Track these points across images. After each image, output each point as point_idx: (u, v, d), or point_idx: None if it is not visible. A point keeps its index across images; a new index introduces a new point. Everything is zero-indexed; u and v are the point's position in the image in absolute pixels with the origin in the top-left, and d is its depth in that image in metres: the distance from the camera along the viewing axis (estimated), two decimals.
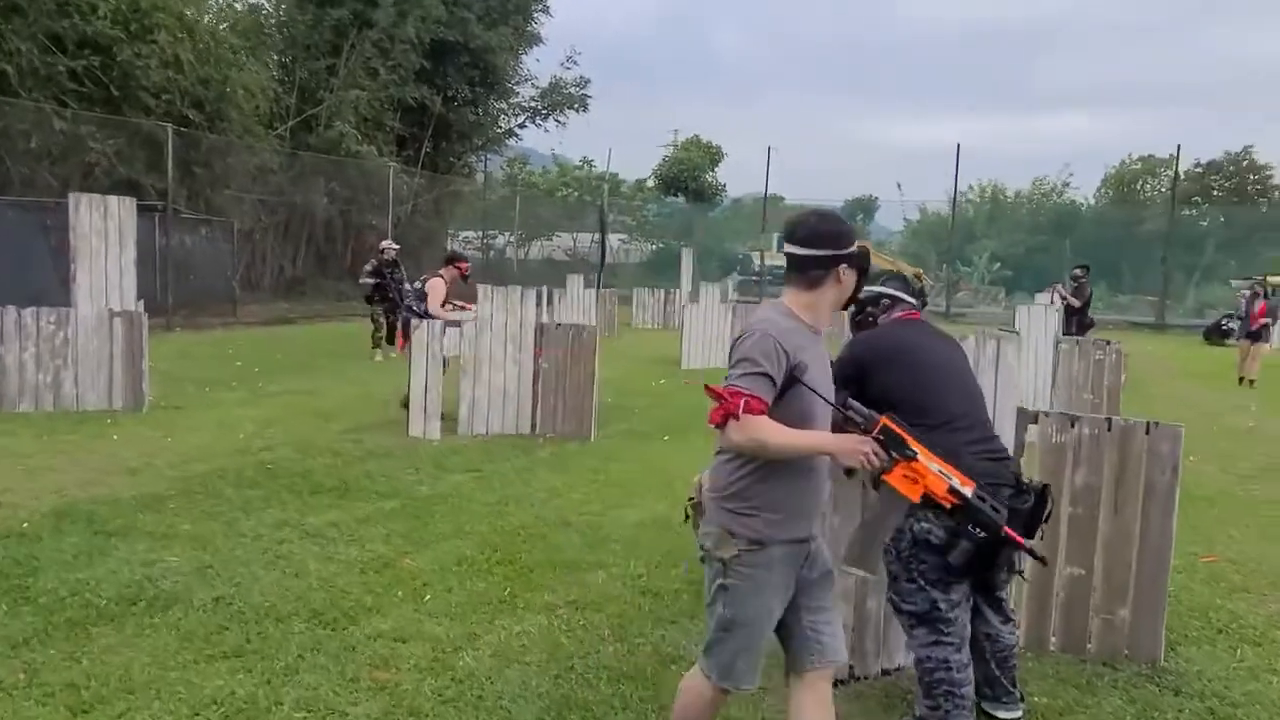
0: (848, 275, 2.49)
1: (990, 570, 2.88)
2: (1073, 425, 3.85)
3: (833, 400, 2.47)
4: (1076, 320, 13.04)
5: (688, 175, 36.05)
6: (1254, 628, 4.24)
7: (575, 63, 29.26)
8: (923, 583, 2.93)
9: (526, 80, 29.29)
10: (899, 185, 61.16)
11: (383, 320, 12.82)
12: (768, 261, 33.13)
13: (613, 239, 35.18)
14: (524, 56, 29.69)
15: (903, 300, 3.42)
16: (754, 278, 30.44)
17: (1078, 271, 13.85)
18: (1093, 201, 40.28)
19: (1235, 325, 18.48)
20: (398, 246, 13.26)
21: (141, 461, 6.47)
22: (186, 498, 5.60)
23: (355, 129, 23.19)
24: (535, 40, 29.81)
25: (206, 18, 20.19)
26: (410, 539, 5.01)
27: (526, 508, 5.70)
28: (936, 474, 2.48)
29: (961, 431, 2.98)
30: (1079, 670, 3.70)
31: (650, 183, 38.10)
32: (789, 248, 2.50)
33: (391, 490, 5.97)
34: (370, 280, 12.87)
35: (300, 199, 22.88)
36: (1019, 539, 2.63)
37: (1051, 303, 13.95)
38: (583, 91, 28.97)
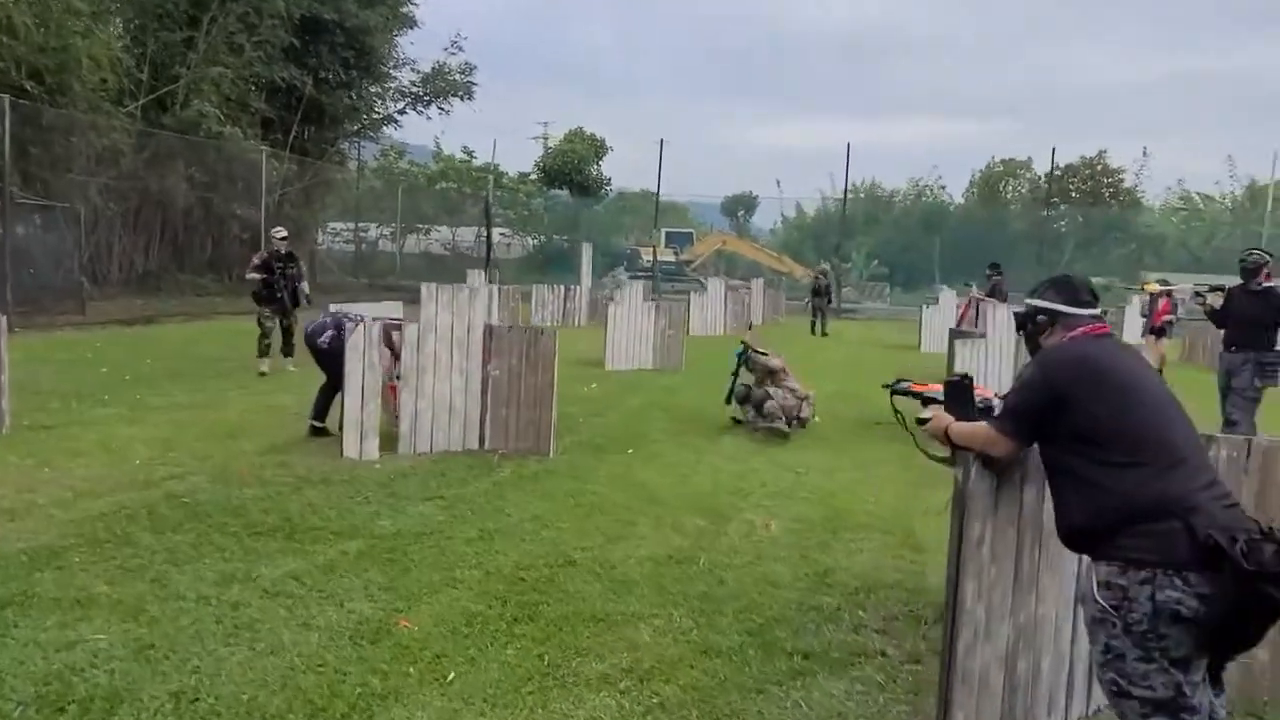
0: None
1: (1246, 635, 2.37)
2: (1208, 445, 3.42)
3: None
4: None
5: (572, 168, 35.23)
6: None
7: (460, 48, 27.93)
8: (1165, 663, 2.37)
9: (405, 64, 27.75)
10: (778, 183, 62.40)
11: (272, 325, 10.69)
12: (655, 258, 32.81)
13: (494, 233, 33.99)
14: (399, 39, 28.15)
15: (1075, 315, 2.79)
16: (646, 274, 29.95)
17: (989, 271, 14.04)
18: (961, 201, 42.11)
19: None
20: (285, 233, 11.11)
21: (19, 501, 5.25)
22: (93, 548, 4.49)
23: (217, 109, 21.17)
24: (410, 22, 28.29)
25: None
26: (395, 591, 4.14)
27: (516, 543, 4.89)
28: None
29: (1196, 474, 2.44)
30: None
31: (533, 175, 37.04)
32: None
33: (349, 527, 5.03)
34: (257, 275, 10.74)
35: (155, 184, 20.74)
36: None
37: (971, 305, 14.12)
38: (468, 79, 27.67)
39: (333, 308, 7.62)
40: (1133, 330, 20.65)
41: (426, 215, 34.40)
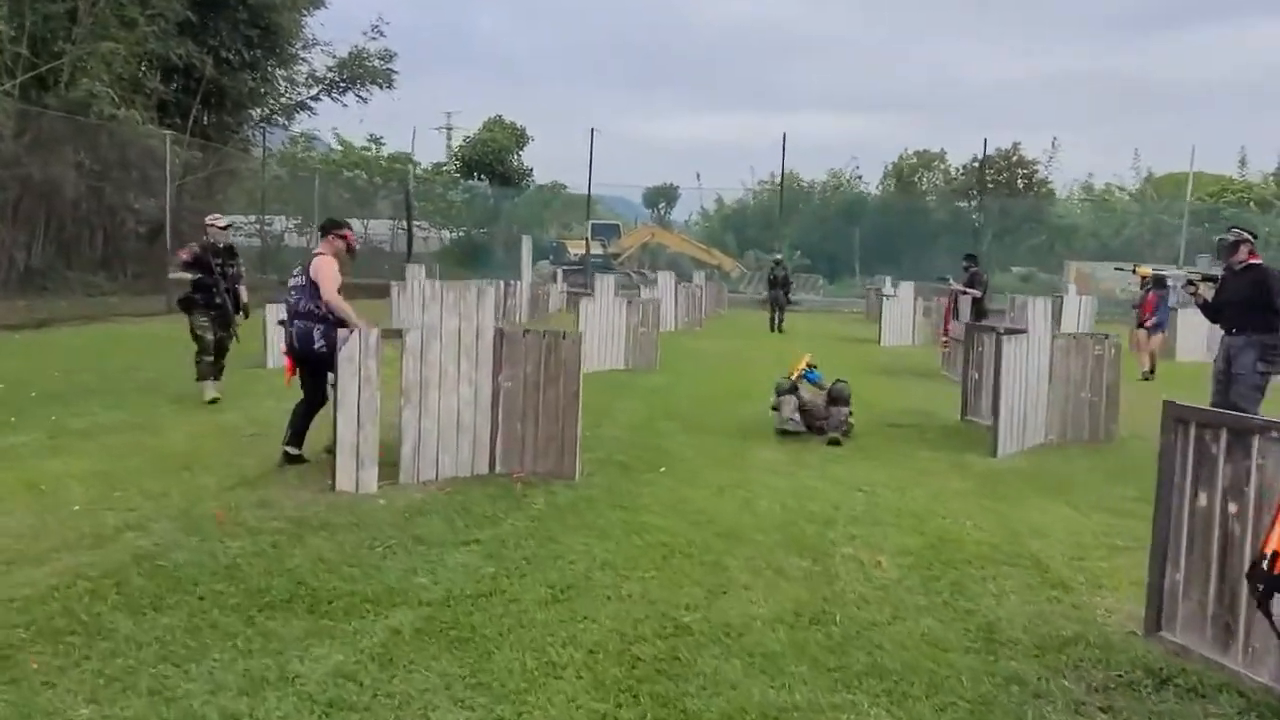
0: None
1: None
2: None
3: None
4: (975, 310, 12.76)
5: (492, 157, 33.76)
6: None
7: (381, 33, 26.15)
8: None
9: (315, 45, 25.85)
10: (698, 176, 61.95)
11: (210, 337, 8.59)
12: (580, 252, 31.79)
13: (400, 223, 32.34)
14: (307, 19, 26.23)
15: None
16: (575, 266, 28.90)
17: (966, 262, 13.62)
18: (878, 192, 42.40)
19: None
20: (226, 222, 9.14)
21: None
22: (53, 644, 3.33)
23: (109, 89, 19.08)
24: (318, 2, 26.40)
25: None
26: (487, 689, 3.13)
27: (600, 603, 3.93)
28: None
29: None
30: None
31: (450, 166, 35.38)
32: None
33: (383, 591, 3.97)
34: (187, 274, 8.58)
35: (38, 172, 18.55)
36: None
37: (953, 299, 13.67)
38: (388, 66, 25.92)
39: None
40: (1070, 321, 20.87)
41: (336, 207, 32.41)
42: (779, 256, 20.83)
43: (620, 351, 11.81)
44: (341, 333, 5.45)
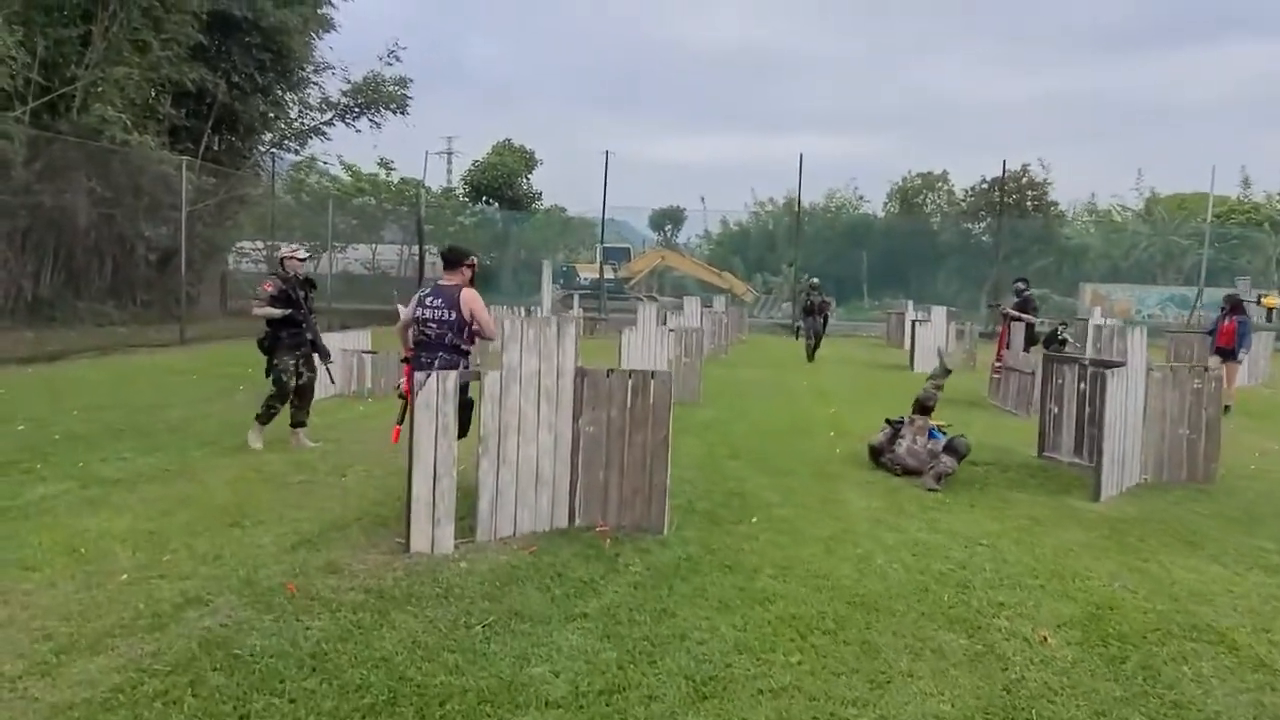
0: None
1: None
2: None
3: None
4: (1028, 337, 12.29)
5: (502, 181, 33.38)
6: None
7: (397, 58, 25.77)
8: None
9: (326, 69, 25.49)
10: (702, 199, 61.75)
11: (294, 383, 7.68)
12: (592, 276, 31.35)
13: (412, 249, 31.90)
14: (318, 42, 25.89)
15: None
16: (587, 290, 28.42)
17: (1020, 285, 13.16)
18: (882, 215, 42.11)
19: (1069, 334, 18.80)
20: (307, 254, 8.38)
21: None
22: None
23: (122, 114, 18.65)
24: (329, 25, 26.09)
25: None
26: None
27: (754, 702, 3.38)
28: None
29: None
30: None
31: (458, 190, 34.98)
32: None
33: (499, 686, 3.42)
34: (275, 310, 7.51)
35: (49, 199, 18.07)
36: None
37: (1001, 324, 13.19)
38: (403, 91, 25.50)
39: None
40: (1093, 347, 20.40)
41: (344, 233, 32.02)
42: (815, 281, 18.94)
43: None
44: (419, 375, 4.92)
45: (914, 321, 17.43)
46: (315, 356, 7.85)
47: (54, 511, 5.61)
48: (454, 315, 6.02)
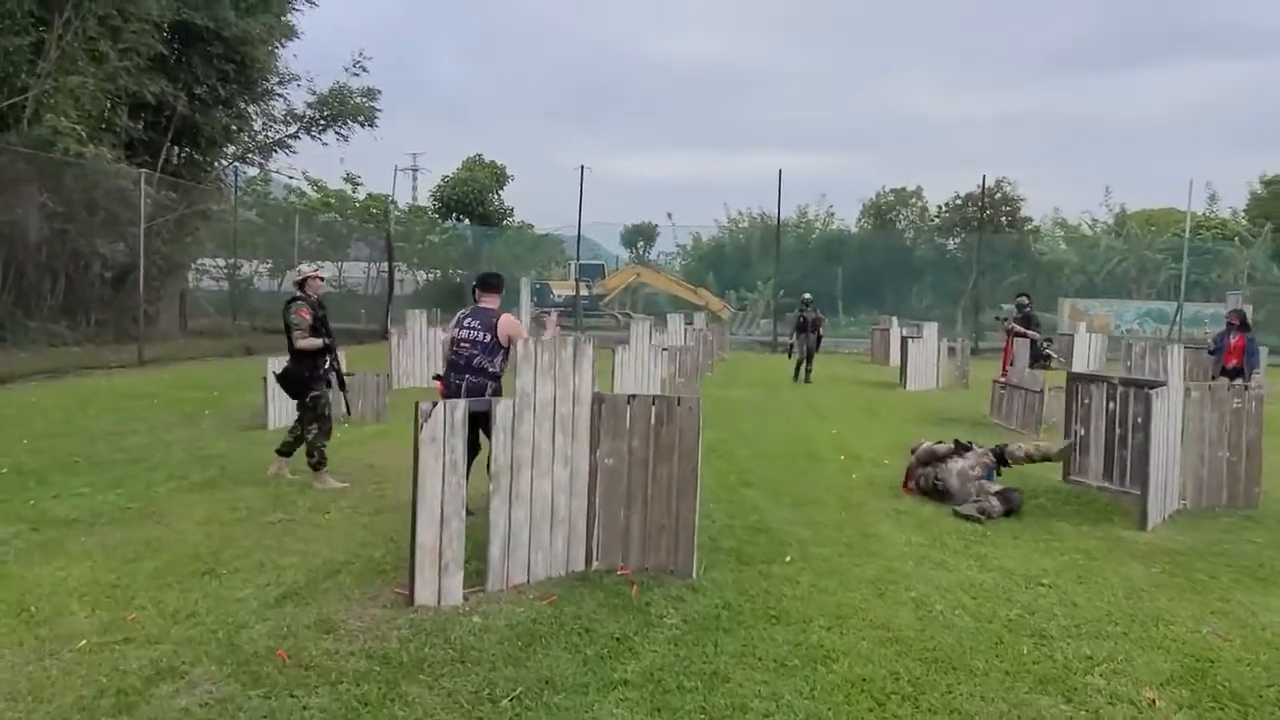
0: None
1: None
2: None
3: None
4: (1033, 353, 11.95)
5: (473, 197, 32.70)
6: None
7: (364, 69, 25.05)
8: None
9: (290, 80, 24.73)
10: (669, 215, 61.26)
11: (327, 409, 7.04)
12: (566, 293, 30.79)
13: (384, 267, 31.12)
14: (281, 53, 25.12)
15: None
16: (561, 308, 27.83)
17: (1023, 300, 12.84)
18: (855, 230, 42.02)
19: (1053, 351, 18.54)
20: (326, 273, 7.96)
21: None
22: None
23: (76, 126, 17.80)
24: (292, 33, 25.33)
25: None
26: None
27: None
28: None
29: None
30: None
31: (430, 206, 34.23)
32: None
33: None
34: (319, 340, 6.91)
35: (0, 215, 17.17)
36: None
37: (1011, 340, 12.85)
38: (370, 103, 24.79)
39: None
40: (1079, 361, 20.19)
41: (310, 250, 31.11)
42: (808, 296, 17.68)
43: None
44: (424, 406, 4.34)
45: (905, 338, 17.05)
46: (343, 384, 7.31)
47: (1, 560, 4.93)
48: (489, 337, 5.94)
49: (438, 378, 6.27)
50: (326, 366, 7.06)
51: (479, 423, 5.38)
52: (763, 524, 6.15)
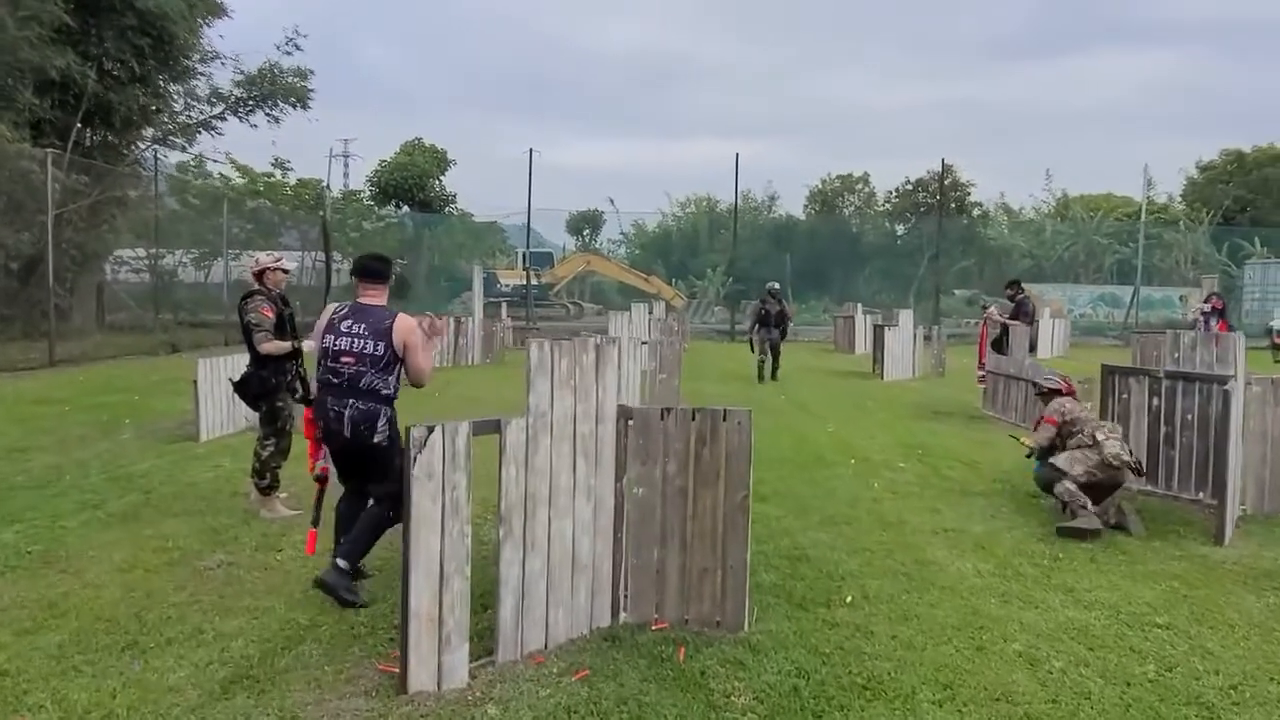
0: None
1: None
2: None
3: None
4: (1014, 342, 11.33)
5: (413, 183, 31.18)
6: None
7: (297, 47, 23.40)
8: None
9: (215, 58, 22.98)
10: (611, 201, 59.49)
11: (289, 423, 5.89)
12: (514, 282, 29.61)
13: (320, 257, 29.51)
14: (207, 30, 23.37)
15: None
16: (509, 298, 26.67)
17: (1010, 290, 12.21)
18: (803, 217, 41.58)
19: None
20: (292, 266, 6.55)
21: None
22: None
23: None
24: (218, 10, 23.58)
25: None
26: None
27: None
28: None
29: None
30: None
31: (365, 192, 32.57)
32: None
33: None
34: (286, 344, 5.70)
35: None
36: None
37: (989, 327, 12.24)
38: (303, 83, 23.15)
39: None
40: (1044, 349, 19.88)
41: (239, 238, 29.31)
42: (774, 286, 15.47)
43: (633, 404, 9.81)
44: (417, 431, 3.32)
45: (878, 326, 16.40)
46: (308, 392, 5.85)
47: None
48: (381, 348, 4.28)
49: (305, 401, 4.96)
50: (292, 374, 5.86)
51: (369, 468, 4.35)
52: (799, 550, 5.27)
